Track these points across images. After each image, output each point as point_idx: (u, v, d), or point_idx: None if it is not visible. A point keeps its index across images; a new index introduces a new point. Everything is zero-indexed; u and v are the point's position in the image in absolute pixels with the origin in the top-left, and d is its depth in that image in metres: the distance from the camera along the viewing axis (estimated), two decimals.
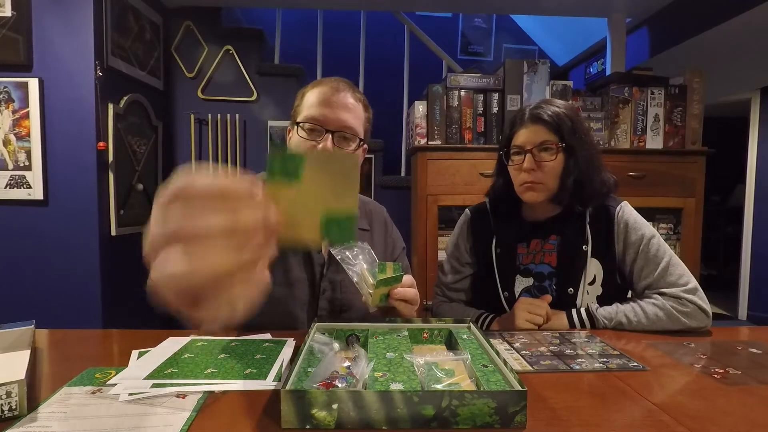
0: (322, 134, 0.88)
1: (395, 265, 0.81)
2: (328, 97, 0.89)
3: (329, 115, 0.88)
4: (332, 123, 0.88)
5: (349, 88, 0.93)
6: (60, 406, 0.52)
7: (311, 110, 0.89)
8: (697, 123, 2.02)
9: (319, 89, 0.91)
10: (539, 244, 1.03)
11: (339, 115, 0.88)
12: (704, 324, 0.88)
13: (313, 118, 0.88)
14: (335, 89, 0.90)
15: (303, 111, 0.90)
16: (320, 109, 0.88)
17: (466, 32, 3.50)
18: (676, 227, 2.05)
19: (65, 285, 1.81)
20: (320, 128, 0.88)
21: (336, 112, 0.88)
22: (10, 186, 1.76)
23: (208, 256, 0.31)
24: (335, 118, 0.88)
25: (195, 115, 2.39)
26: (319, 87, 0.91)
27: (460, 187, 1.96)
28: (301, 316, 0.90)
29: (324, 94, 0.89)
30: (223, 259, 0.31)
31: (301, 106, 0.92)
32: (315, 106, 0.89)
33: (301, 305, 0.91)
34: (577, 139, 0.95)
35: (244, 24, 2.83)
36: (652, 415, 0.52)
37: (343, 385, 0.52)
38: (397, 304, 0.82)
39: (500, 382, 0.54)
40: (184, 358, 0.66)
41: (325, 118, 0.88)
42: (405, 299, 0.82)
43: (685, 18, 2.28)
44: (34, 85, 1.73)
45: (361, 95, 0.95)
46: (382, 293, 0.80)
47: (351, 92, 0.92)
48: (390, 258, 1.05)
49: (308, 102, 0.90)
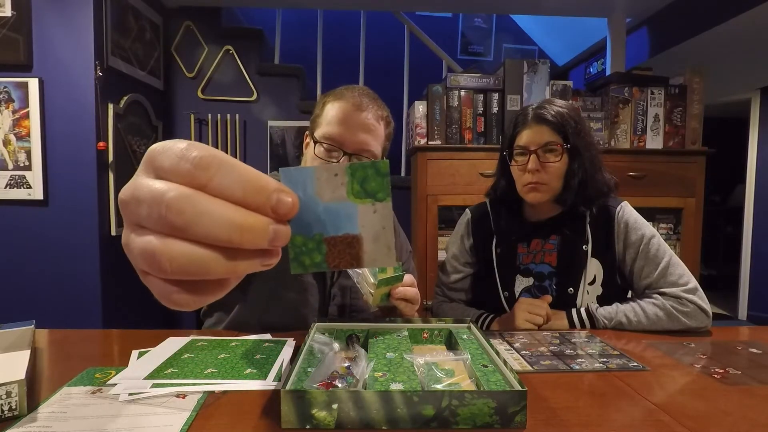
0: (339, 154, 0.86)
1: (396, 265, 0.81)
2: (349, 114, 0.86)
3: (348, 136, 0.85)
4: (350, 146, 0.86)
5: (372, 103, 0.89)
6: (60, 406, 0.52)
7: (330, 128, 0.86)
8: (697, 123, 2.02)
9: (341, 104, 0.87)
10: (539, 243, 1.03)
11: (358, 137, 0.86)
12: (704, 324, 0.88)
13: (332, 138, 0.86)
14: (357, 107, 0.87)
15: (322, 125, 0.88)
16: (340, 128, 0.85)
17: (466, 32, 3.50)
18: (676, 227, 2.05)
19: (65, 285, 1.81)
20: (338, 150, 0.86)
21: (355, 134, 0.86)
22: (10, 186, 1.76)
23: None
24: (354, 141, 0.86)
25: (195, 115, 2.39)
26: (341, 101, 0.88)
27: (460, 187, 1.96)
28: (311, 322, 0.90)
29: (345, 111, 0.86)
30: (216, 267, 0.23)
31: (321, 118, 0.89)
32: (335, 124, 0.86)
33: (312, 310, 0.91)
34: (580, 140, 0.96)
35: (244, 24, 2.83)
36: (652, 415, 0.52)
37: (343, 385, 0.52)
38: (398, 303, 0.82)
39: (500, 382, 0.54)
40: (184, 358, 0.66)
41: (344, 139, 0.86)
42: (406, 298, 0.82)
43: (685, 18, 2.28)
44: (34, 85, 1.73)
45: (385, 110, 0.92)
46: (383, 293, 0.80)
47: (374, 110, 0.89)
48: (399, 258, 1.05)
49: (328, 116, 0.87)
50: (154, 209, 0.21)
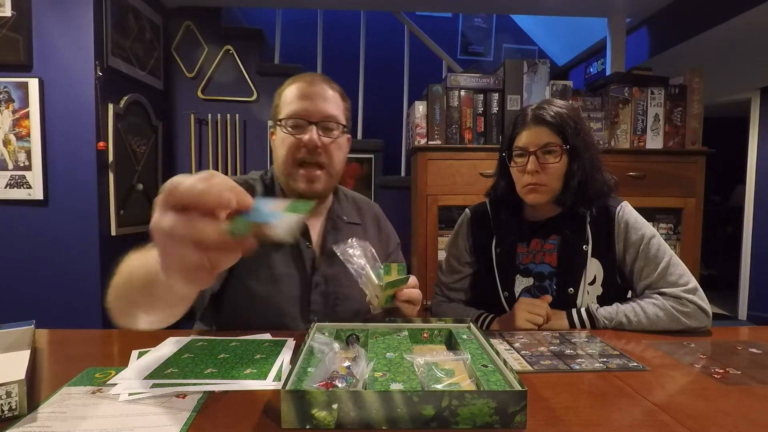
0: (306, 127, 0.89)
1: (399, 266, 0.81)
2: (305, 90, 0.90)
3: (310, 107, 0.89)
4: (315, 115, 0.89)
5: (324, 80, 0.94)
6: (60, 406, 0.52)
7: (292, 106, 0.90)
8: (697, 123, 2.02)
9: (296, 85, 0.92)
10: (539, 243, 1.03)
11: (319, 106, 0.89)
12: (704, 324, 0.88)
13: (295, 113, 0.89)
14: (311, 82, 0.91)
15: (283, 108, 0.91)
16: (300, 103, 0.89)
17: (466, 32, 3.50)
18: (676, 227, 2.05)
19: (65, 285, 1.81)
20: (303, 121, 0.89)
21: (316, 104, 0.89)
22: (10, 186, 1.76)
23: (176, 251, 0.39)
24: (316, 110, 0.89)
25: (195, 115, 2.39)
26: (295, 83, 0.92)
27: (460, 187, 1.96)
28: (290, 311, 0.90)
29: (301, 88, 0.90)
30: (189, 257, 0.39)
31: (280, 105, 0.92)
32: (295, 102, 0.90)
33: (289, 300, 0.90)
34: (580, 140, 0.95)
35: (244, 24, 2.84)
36: (652, 415, 0.52)
37: (343, 385, 0.52)
38: (401, 305, 0.82)
39: (500, 382, 0.54)
40: (184, 358, 0.66)
41: (307, 111, 0.89)
42: (410, 300, 0.82)
43: (685, 18, 2.28)
44: (34, 85, 1.74)
45: (337, 86, 0.96)
46: (389, 294, 0.80)
47: (327, 84, 0.93)
48: (385, 253, 1.06)
49: (287, 99, 0.91)
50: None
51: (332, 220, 0.98)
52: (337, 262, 0.85)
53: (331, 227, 0.97)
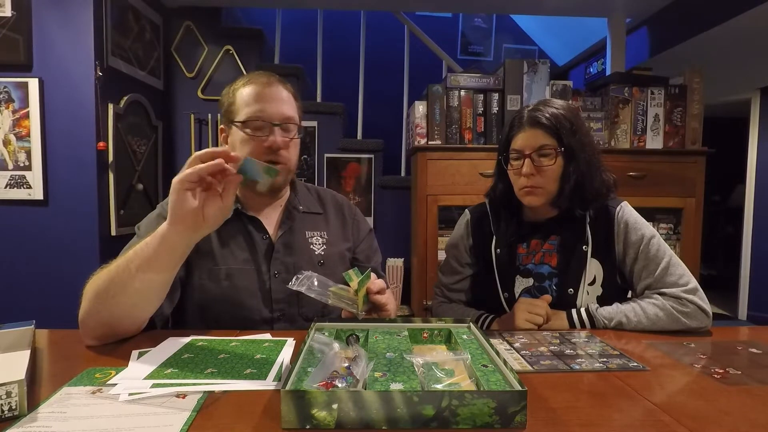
0: (266, 128, 0.90)
1: (354, 270, 0.81)
2: (262, 92, 0.91)
3: (269, 109, 0.90)
4: (276, 117, 0.91)
5: (279, 80, 0.95)
6: (60, 406, 0.52)
7: (252, 107, 0.90)
8: (697, 123, 2.02)
9: (253, 86, 0.92)
10: (539, 244, 1.03)
11: (279, 108, 0.91)
12: (704, 324, 0.88)
13: (256, 116, 0.90)
14: (267, 84, 0.93)
15: (241, 109, 0.92)
16: (261, 105, 0.90)
17: (466, 32, 3.50)
18: (676, 227, 2.05)
19: (65, 285, 1.80)
20: (265, 123, 0.90)
21: (276, 106, 0.91)
22: (10, 186, 1.76)
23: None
24: (276, 112, 0.91)
25: (195, 115, 2.39)
26: (251, 84, 0.93)
27: (460, 187, 1.96)
28: (250, 303, 0.91)
29: (258, 90, 0.91)
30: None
31: (236, 105, 0.93)
32: (254, 103, 0.90)
33: (246, 293, 0.91)
34: (576, 141, 0.95)
35: (244, 24, 2.83)
36: (652, 415, 0.52)
37: (343, 385, 0.52)
38: (376, 297, 0.82)
39: (500, 382, 0.54)
40: (184, 358, 0.66)
41: (268, 113, 0.90)
42: (381, 289, 0.82)
43: (685, 18, 2.28)
44: (34, 85, 1.73)
45: (290, 86, 0.98)
46: (363, 295, 0.80)
47: (282, 84, 0.95)
48: (355, 240, 1.08)
49: (244, 100, 0.92)
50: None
51: (288, 211, 1.00)
52: (296, 251, 0.92)
53: (286, 217, 0.99)
